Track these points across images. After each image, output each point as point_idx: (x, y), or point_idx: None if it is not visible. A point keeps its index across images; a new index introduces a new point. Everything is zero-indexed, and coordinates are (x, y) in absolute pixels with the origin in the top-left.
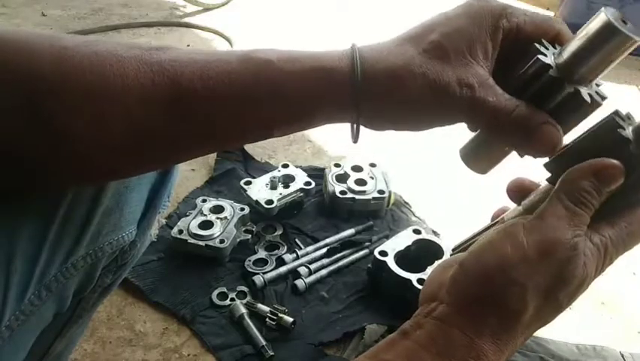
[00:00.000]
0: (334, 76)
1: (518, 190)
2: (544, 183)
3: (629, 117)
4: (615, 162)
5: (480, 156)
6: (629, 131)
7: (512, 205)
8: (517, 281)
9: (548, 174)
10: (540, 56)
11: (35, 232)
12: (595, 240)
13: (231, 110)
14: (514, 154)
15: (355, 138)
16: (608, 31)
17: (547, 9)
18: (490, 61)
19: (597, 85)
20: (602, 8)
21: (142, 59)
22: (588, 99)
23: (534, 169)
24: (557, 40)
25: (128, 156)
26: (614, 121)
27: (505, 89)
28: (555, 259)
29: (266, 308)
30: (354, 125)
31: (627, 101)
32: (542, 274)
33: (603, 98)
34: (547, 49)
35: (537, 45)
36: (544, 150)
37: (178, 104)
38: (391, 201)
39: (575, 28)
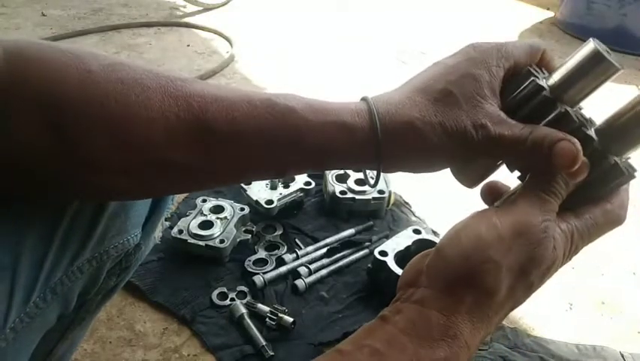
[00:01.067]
0: (356, 133)
1: (491, 193)
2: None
3: (591, 121)
4: (582, 157)
5: (473, 174)
6: (592, 131)
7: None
8: (492, 259)
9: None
10: (535, 79)
11: (42, 235)
12: (562, 227)
13: (253, 153)
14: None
15: (375, 182)
16: (596, 58)
17: (548, 9)
18: (497, 97)
19: (580, 108)
20: (591, 39)
21: (167, 91)
22: (576, 120)
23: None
24: (541, 61)
25: (145, 183)
26: (580, 122)
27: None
28: (527, 240)
29: (266, 308)
30: (378, 175)
31: (627, 101)
32: (515, 254)
33: (588, 120)
34: (537, 73)
35: (530, 69)
36: (565, 164)
37: (201, 142)
38: (391, 201)
39: (575, 28)
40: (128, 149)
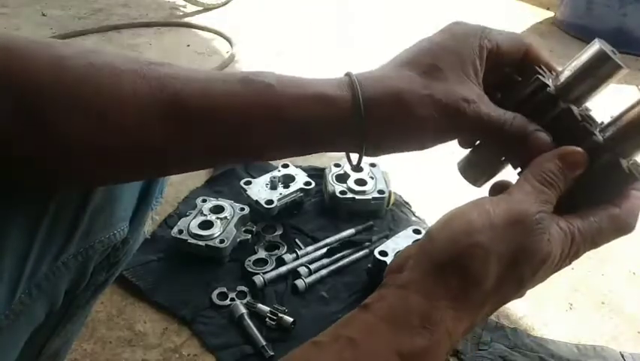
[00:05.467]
0: (337, 104)
1: (500, 191)
2: None
3: (599, 123)
4: (578, 148)
5: (478, 170)
6: (596, 130)
7: None
8: (481, 245)
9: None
10: (539, 76)
11: (24, 230)
12: (562, 224)
13: (230, 131)
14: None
15: (357, 164)
16: (601, 58)
17: (548, 9)
18: (479, 79)
19: (587, 109)
20: (596, 39)
21: (140, 74)
22: (579, 117)
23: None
24: (527, 55)
25: (123, 166)
26: (583, 120)
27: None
28: (520, 229)
29: (266, 308)
30: (361, 152)
31: (627, 101)
32: (506, 242)
33: (594, 119)
34: (544, 73)
35: (536, 68)
36: (536, 152)
37: (176, 121)
38: (391, 201)
39: (574, 28)
40: (103, 131)
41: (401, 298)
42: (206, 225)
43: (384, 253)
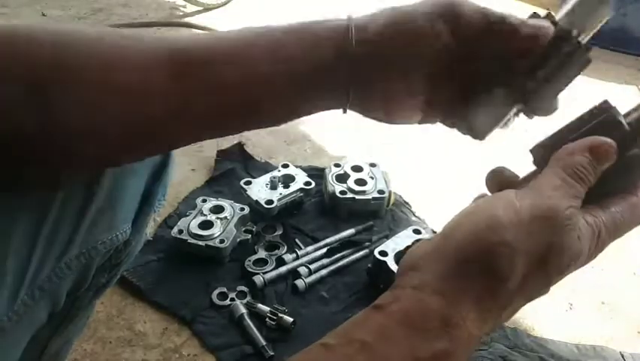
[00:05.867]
0: (329, 24)
1: (498, 180)
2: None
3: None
4: (609, 140)
5: (483, 117)
6: (622, 118)
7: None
8: (507, 241)
9: (530, 166)
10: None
11: (28, 232)
12: (589, 219)
13: (228, 75)
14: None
15: (346, 103)
16: None
17: (547, 9)
18: None
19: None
20: None
21: (141, 38)
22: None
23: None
24: (505, 34)
25: (126, 141)
26: (608, 103)
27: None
28: (549, 226)
29: (266, 308)
30: (348, 95)
31: (627, 101)
32: (535, 239)
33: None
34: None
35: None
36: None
37: (177, 77)
38: (391, 201)
39: None
40: (106, 99)
41: (417, 299)
42: (206, 225)
43: (384, 253)
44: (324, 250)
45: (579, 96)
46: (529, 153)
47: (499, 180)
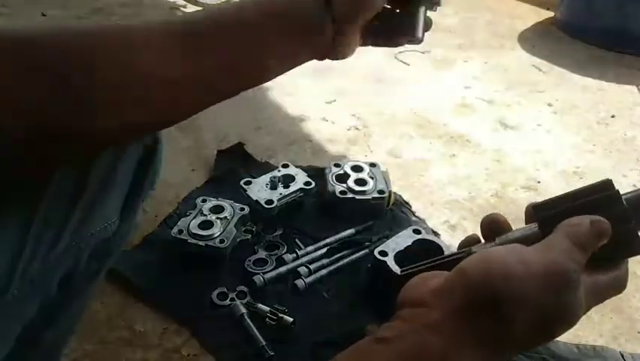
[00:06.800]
0: None
1: (493, 226)
2: (517, 226)
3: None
4: (607, 221)
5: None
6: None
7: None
8: (519, 291)
9: (521, 205)
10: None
11: (17, 225)
12: (587, 283)
13: (236, 37)
14: None
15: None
16: None
17: (548, 9)
18: None
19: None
20: None
21: (149, 24)
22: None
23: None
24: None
25: (144, 109)
26: (611, 182)
27: None
28: (559, 282)
29: (266, 308)
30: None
31: (627, 101)
32: (543, 294)
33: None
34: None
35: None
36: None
37: (190, 38)
38: (391, 201)
39: (574, 28)
40: (127, 70)
41: (422, 339)
42: (206, 225)
43: (384, 253)
44: (324, 250)
45: (579, 95)
46: (532, 209)
47: (494, 225)
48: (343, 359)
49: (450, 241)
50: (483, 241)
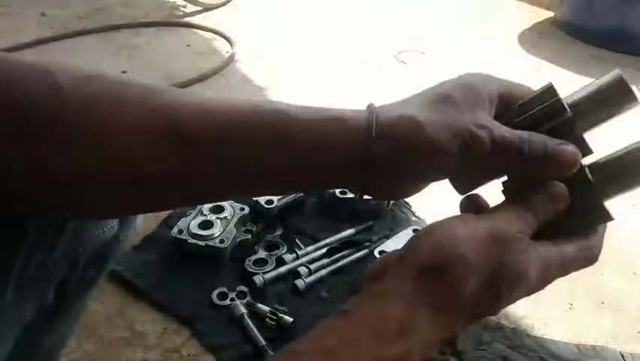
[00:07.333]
0: (350, 122)
1: (472, 205)
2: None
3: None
4: (561, 185)
5: (469, 179)
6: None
7: None
8: (463, 255)
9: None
10: (559, 97)
11: (14, 231)
12: (540, 250)
13: (235, 156)
14: None
15: (361, 196)
16: (620, 85)
17: (548, 9)
18: (492, 112)
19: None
20: (617, 69)
21: (143, 102)
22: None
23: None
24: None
25: (121, 201)
26: (552, 87)
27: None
28: (501, 246)
29: (266, 308)
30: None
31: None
32: (487, 257)
33: (588, 148)
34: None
35: (552, 84)
36: (566, 168)
37: (179, 152)
38: (391, 201)
39: (575, 28)
40: (105, 163)
41: (378, 305)
42: (206, 225)
43: (384, 253)
44: (324, 250)
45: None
46: (502, 184)
47: (472, 205)
48: (308, 337)
49: None
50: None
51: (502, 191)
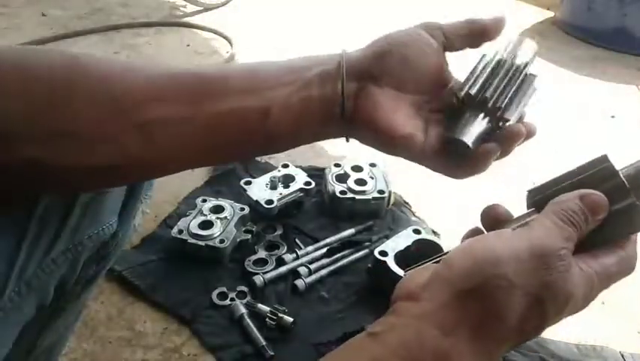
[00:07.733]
0: (322, 56)
1: (493, 217)
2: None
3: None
4: (600, 193)
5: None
6: (621, 174)
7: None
8: (506, 276)
9: (524, 205)
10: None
11: (13, 228)
12: (582, 267)
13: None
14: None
15: (342, 106)
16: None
17: (548, 9)
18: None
19: None
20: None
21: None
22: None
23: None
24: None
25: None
26: (606, 157)
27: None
28: (545, 264)
29: (266, 308)
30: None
31: (627, 101)
32: (531, 277)
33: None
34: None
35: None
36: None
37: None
38: (391, 201)
39: (575, 28)
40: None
41: (415, 331)
42: (206, 225)
43: (384, 253)
44: (324, 250)
45: (580, 95)
46: (527, 193)
47: (494, 216)
48: (336, 355)
49: (450, 242)
50: (486, 233)
51: (527, 199)
